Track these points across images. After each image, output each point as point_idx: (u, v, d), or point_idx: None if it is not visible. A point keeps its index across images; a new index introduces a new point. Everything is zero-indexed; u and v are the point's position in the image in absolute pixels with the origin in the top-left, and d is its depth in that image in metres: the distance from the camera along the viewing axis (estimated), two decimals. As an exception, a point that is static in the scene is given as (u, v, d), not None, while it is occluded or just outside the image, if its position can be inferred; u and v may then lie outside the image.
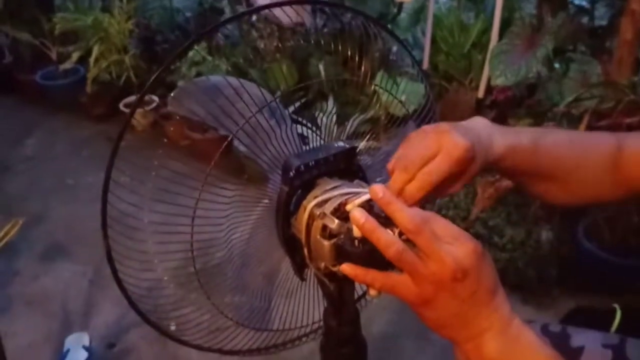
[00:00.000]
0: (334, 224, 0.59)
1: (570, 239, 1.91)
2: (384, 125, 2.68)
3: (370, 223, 0.54)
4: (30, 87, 3.33)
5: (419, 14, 2.51)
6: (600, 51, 2.23)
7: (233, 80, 0.64)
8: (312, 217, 0.61)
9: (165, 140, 2.55)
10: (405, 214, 0.53)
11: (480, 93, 2.38)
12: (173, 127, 2.82)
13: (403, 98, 2.26)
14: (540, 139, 0.71)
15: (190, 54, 2.62)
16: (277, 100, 0.68)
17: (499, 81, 2.01)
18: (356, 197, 0.60)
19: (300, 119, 2.27)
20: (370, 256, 0.57)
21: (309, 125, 2.36)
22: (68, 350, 1.72)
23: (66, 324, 1.95)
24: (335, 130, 0.77)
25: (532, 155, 0.70)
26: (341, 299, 0.66)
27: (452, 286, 0.53)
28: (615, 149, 0.72)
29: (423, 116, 0.81)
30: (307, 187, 0.64)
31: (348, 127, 2.36)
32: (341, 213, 0.60)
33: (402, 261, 0.53)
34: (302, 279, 0.68)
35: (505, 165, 0.68)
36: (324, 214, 0.60)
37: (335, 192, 0.62)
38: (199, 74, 2.56)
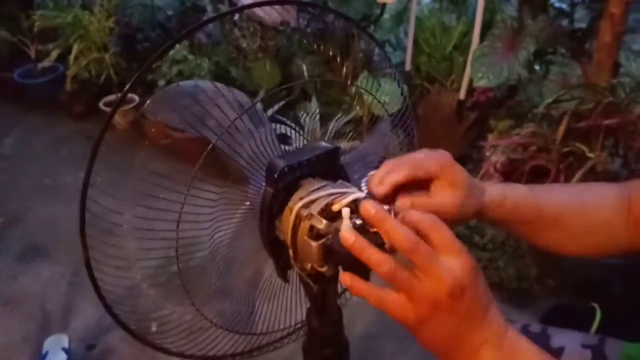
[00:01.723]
0: (321, 224, 0.59)
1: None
2: (367, 125, 2.69)
3: (360, 242, 0.53)
4: (8, 85, 3.27)
5: (401, 15, 2.52)
6: (580, 53, 2.26)
7: (209, 85, 0.63)
8: (299, 218, 0.61)
9: (146, 142, 2.52)
10: (400, 232, 0.52)
11: (462, 94, 2.40)
12: (154, 127, 2.79)
13: (386, 99, 2.27)
14: (536, 187, 0.72)
15: (172, 52, 2.60)
16: (257, 103, 0.67)
17: (481, 83, 2.02)
18: (342, 197, 0.60)
19: (283, 119, 2.27)
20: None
21: (292, 125, 2.36)
22: (47, 353, 1.70)
23: (45, 325, 1.92)
24: (318, 131, 0.77)
25: (530, 200, 0.70)
26: (324, 299, 0.66)
27: (449, 304, 0.52)
28: (624, 189, 0.73)
29: (400, 114, 0.81)
30: (291, 188, 0.64)
31: (331, 127, 2.37)
32: (328, 213, 0.60)
33: (396, 280, 0.52)
34: (286, 280, 0.68)
35: (504, 211, 0.68)
36: (311, 215, 0.60)
37: (321, 193, 0.61)
38: (180, 73, 2.54)
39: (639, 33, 2.46)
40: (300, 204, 0.62)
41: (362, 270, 0.58)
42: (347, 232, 0.54)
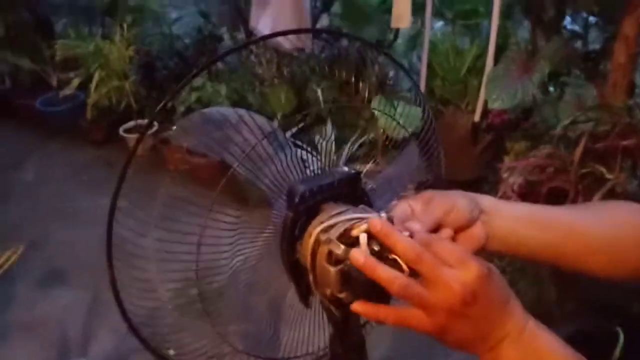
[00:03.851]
0: (340, 249, 0.59)
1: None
2: (382, 147, 2.70)
3: (370, 262, 0.54)
4: (29, 113, 3.35)
5: (415, 39, 2.55)
6: (594, 75, 2.26)
7: (232, 112, 0.65)
8: (317, 242, 0.61)
9: (170, 167, 2.56)
10: (405, 244, 0.54)
11: (477, 116, 2.40)
12: (175, 154, 2.83)
13: (401, 121, 2.28)
14: (548, 208, 0.73)
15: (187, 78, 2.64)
16: (278, 128, 0.69)
17: (495, 105, 2.03)
18: (362, 222, 0.60)
19: (300, 143, 2.29)
20: (376, 283, 0.57)
21: (309, 149, 2.38)
22: (67, 378, 1.71)
23: (64, 351, 1.93)
24: (333, 154, 0.78)
25: (537, 210, 0.72)
26: (347, 325, 0.66)
27: (464, 310, 0.53)
28: None
29: (423, 137, 0.82)
30: (312, 212, 0.65)
31: (347, 149, 2.38)
32: (347, 239, 0.60)
33: (408, 295, 0.53)
34: (308, 305, 0.68)
35: (521, 231, 0.69)
36: (330, 240, 0.60)
37: (341, 218, 0.62)
38: (198, 100, 2.58)
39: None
40: (319, 228, 0.62)
41: (382, 296, 0.58)
42: (357, 252, 0.55)
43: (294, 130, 2.41)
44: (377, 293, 0.58)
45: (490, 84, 2.08)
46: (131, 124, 3.10)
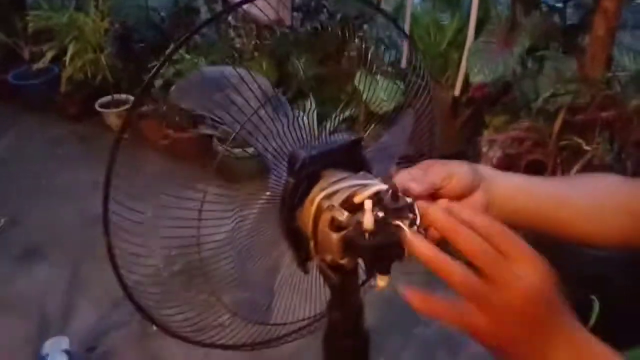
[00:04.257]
0: (343, 216, 0.59)
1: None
2: (363, 123, 2.70)
3: (434, 253, 0.51)
4: (2, 87, 3.26)
5: (397, 12, 2.54)
6: (572, 49, 2.29)
7: (233, 71, 0.64)
8: (320, 209, 0.61)
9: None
10: (468, 237, 0.50)
11: (457, 91, 2.42)
12: (153, 127, 2.79)
13: (384, 96, 2.29)
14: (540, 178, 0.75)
15: (168, 52, 2.60)
16: (279, 93, 0.68)
17: (477, 78, 2.05)
18: (364, 189, 0.61)
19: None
20: (380, 249, 0.57)
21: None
22: (47, 355, 1.69)
23: (43, 327, 1.91)
24: (316, 129, 0.77)
25: (532, 182, 0.73)
26: (345, 290, 0.67)
27: (524, 313, 0.49)
28: (636, 180, 0.75)
29: (421, 103, 0.82)
30: (312, 179, 0.65)
31: (329, 124, 2.38)
32: (349, 205, 0.61)
33: (468, 291, 0.50)
34: (306, 271, 0.69)
35: (519, 199, 0.70)
36: (333, 206, 0.60)
37: (343, 184, 0.62)
38: (178, 73, 2.54)
39: (628, 29, 2.49)
40: (321, 195, 0.62)
41: (383, 264, 0.59)
42: (417, 241, 0.52)
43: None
44: (379, 259, 0.59)
45: (471, 58, 2.09)
46: (107, 98, 3.04)
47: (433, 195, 0.66)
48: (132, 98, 3.03)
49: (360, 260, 0.63)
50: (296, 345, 0.85)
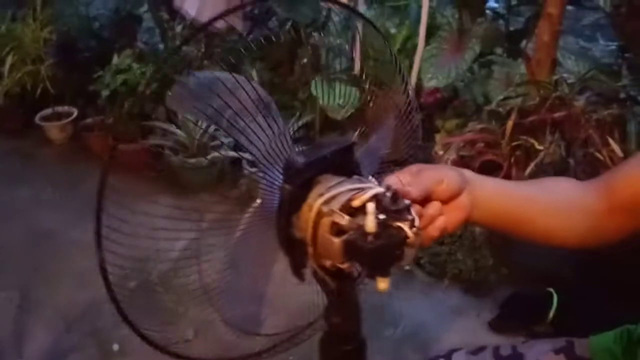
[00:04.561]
0: (344, 220, 0.59)
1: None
2: (319, 130, 2.70)
3: None
4: None
5: (349, 20, 2.56)
6: (516, 53, 2.38)
7: (229, 76, 0.62)
8: (319, 214, 0.61)
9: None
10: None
11: (409, 96, 2.46)
12: (99, 140, 2.70)
13: (340, 101, 2.29)
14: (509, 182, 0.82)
15: (116, 61, 2.52)
16: (274, 99, 0.67)
17: (431, 84, 2.10)
18: (362, 192, 0.61)
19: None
20: (382, 251, 0.58)
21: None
22: (2, 382, 1.60)
23: (-3, 353, 1.81)
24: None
25: (501, 183, 0.78)
26: (344, 295, 0.67)
27: None
28: (594, 180, 0.79)
29: (406, 107, 0.83)
30: (307, 185, 0.64)
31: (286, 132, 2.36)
32: (348, 209, 0.60)
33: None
34: (302, 279, 0.68)
35: (495, 201, 0.74)
36: (332, 211, 0.60)
37: (341, 188, 0.62)
38: (125, 83, 2.47)
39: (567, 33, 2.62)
40: (320, 200, 0.62)
41: (384, 267, 0.59)
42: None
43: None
44: (380, 262, 0.59)
45: (424, 64, 2.14)
46: (48, 111, 2.92)
47: (426, 199, 0.67)
48: (75, 110, 2.92)
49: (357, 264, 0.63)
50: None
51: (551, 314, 1.74)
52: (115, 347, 1.77)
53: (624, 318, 0.94)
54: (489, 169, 1.93)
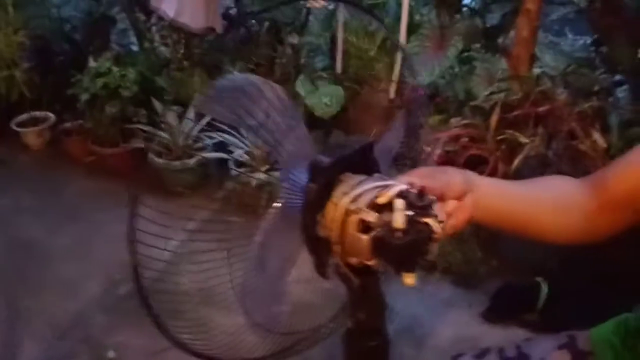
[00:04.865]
0: (372, 217, 0.60)
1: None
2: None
3: None
4: None
5: (329, 20, 2.57)
6: (494, 49, 2.42)
7: (258, 79, 0.63)
8: (347, 212, 0.62)
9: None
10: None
11: (391, 94, 2.49)
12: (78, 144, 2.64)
13: (326, 100, 2.30)
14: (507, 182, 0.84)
15: (95, 65, 2.48)
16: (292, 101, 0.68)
17: (415, 81, 2.11)
18: (387, 189, 0.62)
19: (223, 126, 2.24)
20: (411, 247, 0.59)
21: (233, 132, 2.34)
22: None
23: (-12, 368, 1.77)
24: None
25: (515, 194, 0.80)
26: (369, 291, 0.68)
27: None
28: (585, 178, 0.82)
29: (411, 108, 0.85)
30: (331, 183, 0.65)
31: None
32: (374, 206, 0.61)
33: None
34: (326, 277, 0.69)
35: (496, 201, 0.76)
36: (360, 209, 0.61)
37: (366, 186, 0.63)
38: (105, 86, 2.43)
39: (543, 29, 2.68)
40: (347, 198, 0.62)
41: (411, 262, 0.60)
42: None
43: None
44: (409, 257, 0.61)
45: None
46: (24, 116, 2.85)
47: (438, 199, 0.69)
48: (51, 115, 2.86)
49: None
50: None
51: (540, 303, 1.78)
52: (111, 354, 1.74)
53: (609, 305, 0.98)
54: (475, 164, 1.96)
